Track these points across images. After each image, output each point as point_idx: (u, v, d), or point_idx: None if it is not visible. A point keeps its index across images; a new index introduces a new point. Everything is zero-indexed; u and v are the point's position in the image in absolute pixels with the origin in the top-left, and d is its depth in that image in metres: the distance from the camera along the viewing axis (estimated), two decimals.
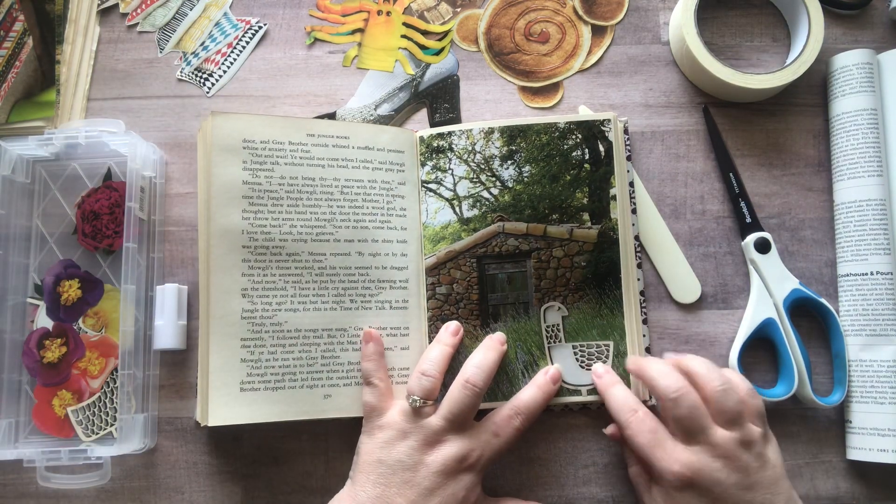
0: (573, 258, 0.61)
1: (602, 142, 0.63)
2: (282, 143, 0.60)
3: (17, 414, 0.61)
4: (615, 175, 0.62)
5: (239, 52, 0.67)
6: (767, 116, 0.66)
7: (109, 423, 0.62)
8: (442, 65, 0.68)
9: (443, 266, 0.62)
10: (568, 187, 0.62)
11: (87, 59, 0.67)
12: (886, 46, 0.66)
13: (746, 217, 0.64)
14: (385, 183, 0.62)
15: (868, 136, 0.62)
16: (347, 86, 0.67)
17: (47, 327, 0.63)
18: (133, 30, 0.68)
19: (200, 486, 0.62)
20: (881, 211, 0.61)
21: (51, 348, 0.62)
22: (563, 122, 0.63)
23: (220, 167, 0.58)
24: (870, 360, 0.60)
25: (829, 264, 0.64)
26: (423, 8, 0.69)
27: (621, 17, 0.68)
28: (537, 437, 0.62)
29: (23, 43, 0.67)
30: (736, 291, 0.64)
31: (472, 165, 0.63)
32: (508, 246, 0.62)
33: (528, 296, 0.61)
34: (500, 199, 0.62)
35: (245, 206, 0.58)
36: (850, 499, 0.61)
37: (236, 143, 0.59)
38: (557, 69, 0.67)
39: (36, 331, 0.63)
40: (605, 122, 0.63)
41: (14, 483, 0.62)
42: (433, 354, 0.58)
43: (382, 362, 0.59)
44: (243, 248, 0.58)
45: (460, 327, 0.60)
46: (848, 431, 0.61)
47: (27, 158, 0.64)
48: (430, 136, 0.64)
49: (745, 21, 0.68)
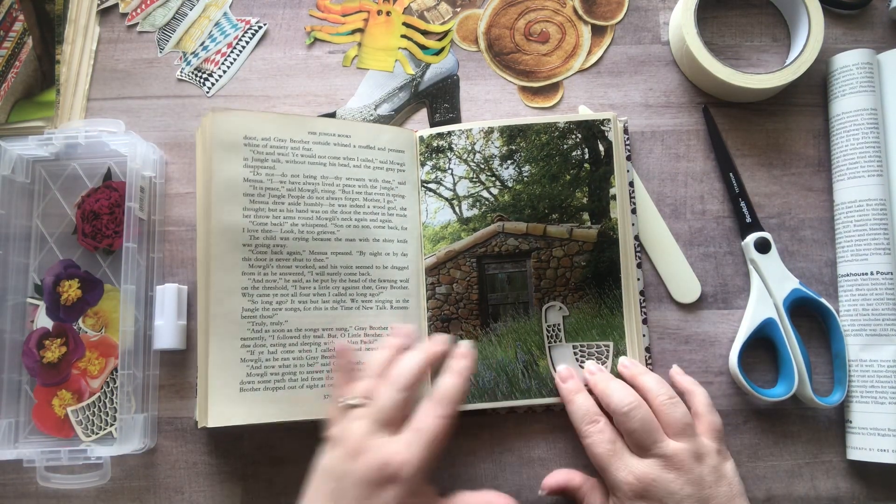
0: (573, 258, 0.61)
1: (602, 141, 0.63)
2: (283, 141, 0.60)
3: (17, 414, 0.61)
4: (615, 175, 0.62)
5: (239, 52, 0.67)
6: (767, 116, 0.66)
7: (109, 423, 0.61)
8: (442, 65, 0.68)
9: (443, 266, 0.62)
10: (568, 187, 0.62)
11: (87, 59, 0.67)
12: (886, 46, 0.66)
13: (746, 217, 0.64)
14: (386, 182, 0.62)
15: (868, 136, 0.62)
16: (347, 86, 0.67)
17: (47, 327, 0.63)
18: (133, 30, 0.68)
19: (200, 486, 0.62)
20: (881, 211, 0.61)
21: (51, 348, 0.62)
22: (562, 122, 0.63)
23: (221, 164, 0.58)
24: (870, 360, 0.60)
25: (829, 264, 0.64)
26: (423, 8, 0.69)
27: (621, 17, 0.68)
28: (537, 437, 0.62)
29: (23, 43, 0.67)
30: (736, 291, 0.64)
31: (472, 165, 0.63)
32: (508, 246, 0.62)
33: (528, 296, 0.61)
34: (500, 199, 0.62)
35: (246, 203, 0.58)
36: (850, 499, 0.61)
37: (237, 139, 0.58)
38: (557, 69, 0.67)
39: (36, 331, 0.63)
40: (605, 122, 0.63)
41: (14, 483, 0.62)
42: (377, 357, 0.56)
43: (344, 376, 0.57)
44: (244, 247, 0.58)
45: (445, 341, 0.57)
46: (848, 431, 0.61)
47: (27, 158, 0.64)
48: (430, 135, 0.64)
49: (745, 21, 0.68)
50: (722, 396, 0.62)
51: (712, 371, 0.63)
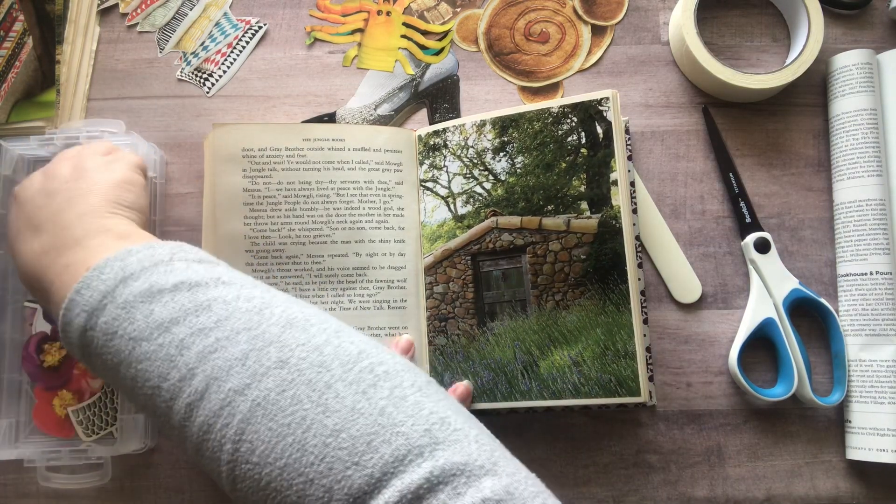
0: (571, 251, 0.59)
1: (600, 123, 0.59)
2: (279, 150, 0.61)
3: (17, 414, 0.61)
4: (615, 158, 0.58)
5: (239, 52, 0.68)
6: (767, 116, 0.66)
7: (110, 423, 0.62)
8: (442, 65, 0.68)
9: (439, 265, 0.62)
10: (563, 175, 0.60)
11: (87, 59, 0.67)
12: (886, 46, 0.66)
13: (746, 217, 0.64)
14: (382, 183, 0.62)
15: (868, 136, 0.62)
16: (347, 86, 0.67)
17: (46, 332, 0.63)
18: (133, 30, 0.68)
19: (201, 485, 0.62)
20: (881, 211, 0.61)
21: (50, 352, 0.62)
22: (556, 107, 0.60)
23: (223, 177, 0.60)
24: (869, 359, 0.60)
25: (828, 264, 0.64)
26: (423, 8, 0.69)
27: (621, 17, 0.68)
28: (537, 437, 0.62)
29: (23, 43, 0.67)
30: (736, 291, 0.64)
31: (465, 161, 0.62)
32: (503, 241, 0.61)
33: (525, 293, 0.60)
34: (494, 194, 0.61)
35: (246, 212, 0.60)
36: (850, 499, 0.61)
37: (236, 152, 0.60)
38: (557, 69, 0.67)
39: (35, 335, 0.63)
40: (603, 101, 0.59)
41: (14, 483, 0.62)
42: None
43: None
44: (246, 253, 0.60)
45: (411, 343, 0.60)
46: (847, 431, 0.61)
47: (28, 158, 0.64)
48: (427, 133, 0.64)
49: (745, 21, 0.68)
50: (722, 396, 0.62)
51: (712, 371, 0.63)
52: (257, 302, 0.44)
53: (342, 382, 0.40)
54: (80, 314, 0.44)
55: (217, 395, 0.40)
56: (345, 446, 0.38)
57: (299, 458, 0.39)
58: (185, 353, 0.42)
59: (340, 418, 0.39)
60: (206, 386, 0.41)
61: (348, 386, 0.40)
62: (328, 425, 0.39)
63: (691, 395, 0.63)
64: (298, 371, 0.41)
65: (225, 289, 0.44)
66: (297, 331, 0.43)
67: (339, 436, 0.38)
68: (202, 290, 0.44)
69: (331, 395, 0.40)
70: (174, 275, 0.44)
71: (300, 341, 0.42)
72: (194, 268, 0.45)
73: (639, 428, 0.62)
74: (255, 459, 0.39)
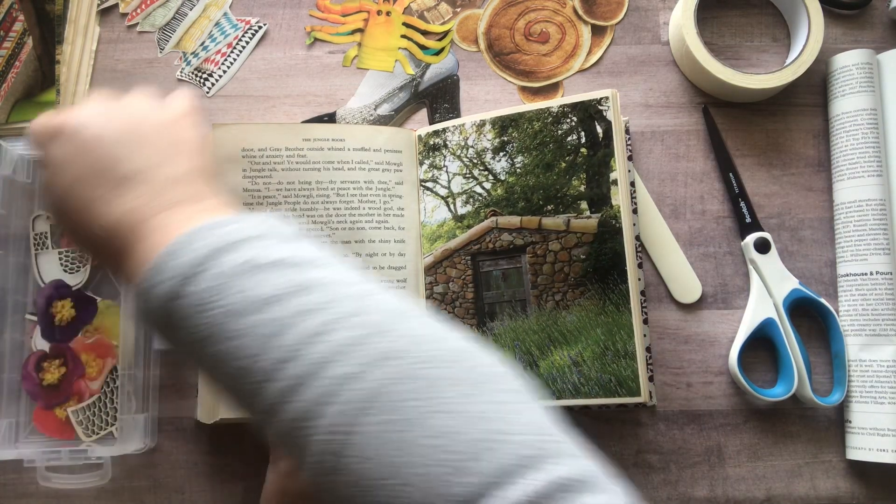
0: (571, 251, 0.59)
1: (600, 122, 0.60)
2: (279, 150, 0.61)
3: (17, 414, 0.61)
4: (615, 158, 0.59)
5: (239, 52, 0.68)
6: (767, 116, 0.66)
7: (110, 424, 0.62)
8: (442, 65, 0.68)
9: (439, 265, 0.62)
10: (563, 175, 0.60)
11: (87, 59, 0.67)
12: (886, 46, 0.66)
13: (746, 217, 0.64)
14: (382, 183, 0.62)
15: (868, 136, 0.62)
16: (347, 86, 0.67)
17: (44, 350, 0.62)
18: (133, 30, 0.68)
19: (201, 485, 0.62)
20: (881, 211, 0.61)
21: (49, 370, 0.62)
22: (556, 106, 0.60)
23: (223, 176, 0.59)
24: (869, 360, 0.60)
25: (828, 264, 0.64)
26: (423, 8, 0.69)
27: (621, 17, 0.68)
28: None
29: (23, 43, 0.67)
30: (736, 291, 0.64)
31: (465, 161, 0.62)
32: (502, 241, 0.61)
33: (525, 293, 0.60)
34: (493, 194, 0.61)
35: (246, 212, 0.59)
36: (850, 499, 0.61)
37: (236, 152, 0.60)
38: (557, 69, 0.67)
39: (33, 354, 0.62)
40: (603, 101, 0.59)
41: (14, 483, 0.62)
42: None
43: None
44: None
45: None
46: (847, 431, 0.61)
47: (28, 158, 0.64)
48: (427, 133, 0.64)
49: (745, 21, 0.68)
50: (722, 396, 0.62)
51: (712, 371, 0.63)
52: (357, 288, 0.41)
53: (446, 381, 0.38)
54: (168, 280, 0.40)
55: (322, 381, 0.37)
56: (449, 451, 0.36)
57: (400, 458, 0.36)
58: (287, 333, 0.38)
59: (445, 421, 0.37)
60: (310, 371, 0.38)
61: (452, 385, 0.38)
62: (435, 426, 0.37)
63: (691, 395, 0.63)
64: (407, 364, 0.38)
65: (325, 270, 0.41)
66: (400, 320, 0.40)
67: (442, 439, 0.36)
68: (302, 270, 0.41)
69: (435, 393, 0.38)
70: (272, 251, 0.41)
71: (402, 332, 0.39)
72: (292, 245, 0.42)
73: (639, 428, 0.62)
74: (353, 452, 0.36)
